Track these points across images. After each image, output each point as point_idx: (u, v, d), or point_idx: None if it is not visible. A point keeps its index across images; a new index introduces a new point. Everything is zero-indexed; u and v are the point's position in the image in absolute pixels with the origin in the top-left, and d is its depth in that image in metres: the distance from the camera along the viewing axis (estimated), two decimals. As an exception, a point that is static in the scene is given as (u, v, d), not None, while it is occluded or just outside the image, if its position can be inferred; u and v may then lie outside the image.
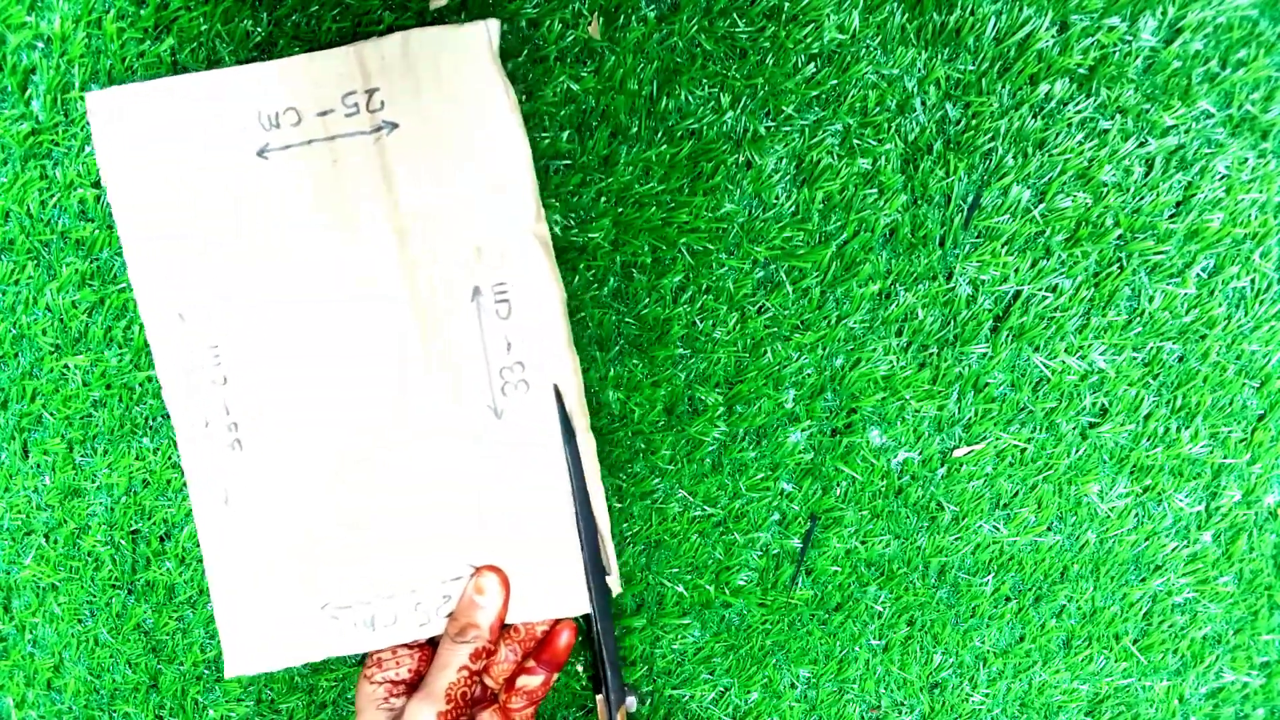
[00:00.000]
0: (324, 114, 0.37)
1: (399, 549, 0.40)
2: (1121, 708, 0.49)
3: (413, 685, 0.41)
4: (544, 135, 0.41)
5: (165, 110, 0.37)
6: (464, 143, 0.38)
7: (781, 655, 0.48)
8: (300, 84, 0.37)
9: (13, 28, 0.39)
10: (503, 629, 0.42)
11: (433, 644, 0.42)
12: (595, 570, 0.41)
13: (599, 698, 0.43)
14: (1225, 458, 0.46)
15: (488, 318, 0.39)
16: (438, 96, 0.37)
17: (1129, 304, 0.43)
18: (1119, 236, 0.43)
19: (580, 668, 0.47)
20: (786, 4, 0.40)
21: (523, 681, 0.41)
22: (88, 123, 0.39)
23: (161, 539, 0.46)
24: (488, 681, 0.42)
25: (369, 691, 0.41)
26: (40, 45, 0.39)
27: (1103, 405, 0.45)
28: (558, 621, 0.42)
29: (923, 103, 0.41)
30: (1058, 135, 0.41)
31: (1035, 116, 0.41)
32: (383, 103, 0.37)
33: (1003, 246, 0.43)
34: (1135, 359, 0.44)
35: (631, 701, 0.43)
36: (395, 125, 0.37)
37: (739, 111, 0.41)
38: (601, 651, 0.42)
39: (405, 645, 0.42)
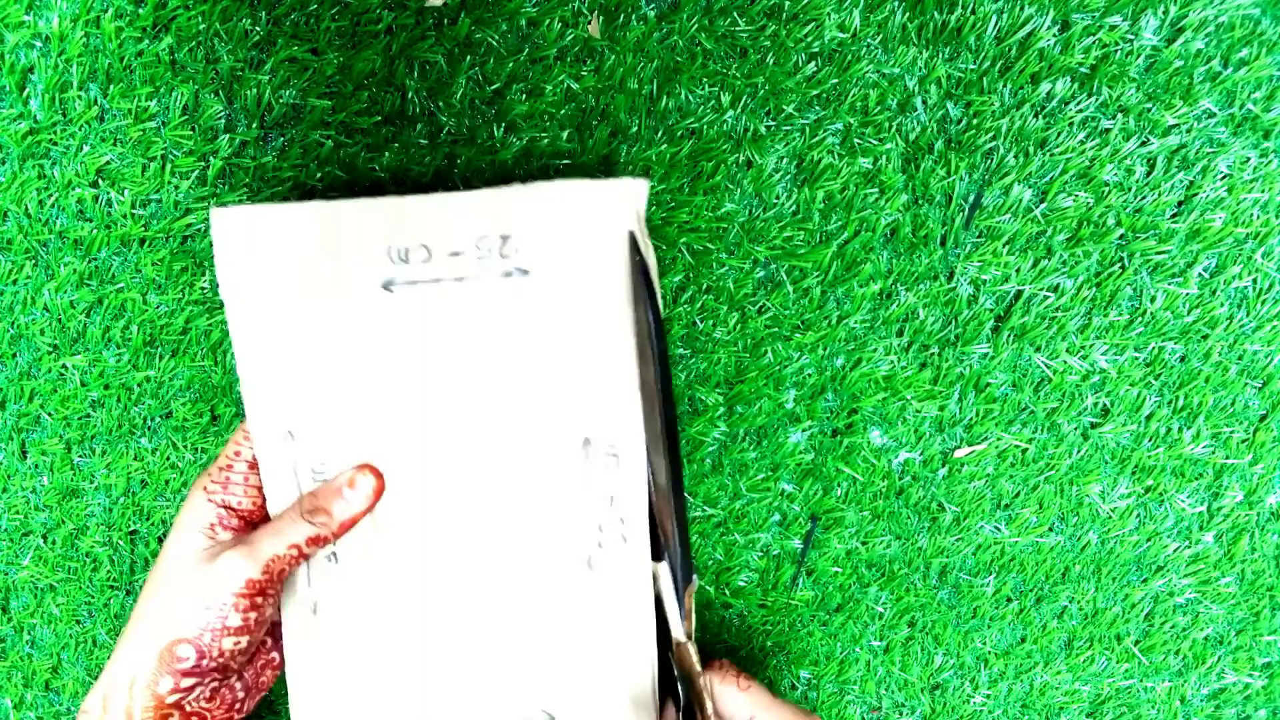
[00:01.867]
0: (455, 255, 0.37)
1: (476, 683, 0.40)
2: (1123, 709, 0.49)
3: (246, 526, 0.38)
4: (544, 135, 0.41)
5: (292, 234, 0.37)
6: (589, 302, 0.38)
7: (782, 656, 0.48)
8: (435, 222, 0.37)
9: (11, 27, 0.39)
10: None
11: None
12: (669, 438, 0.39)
13: (661, 565, 0.40)
14: (1227, 458, 0.45)
15: (594, 470, 0.39)
16: (572, 251, 0.37)
17: (1130, 304, 0.43)
18: (1120, 236, 0.42)
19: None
20: (787, 3, 0.40)
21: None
22: (208, 231, 0.39)
23: (160, 539, 0.46)
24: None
25: (199, 507, 0.38)
26: (38, 44, 0.39)
27: (1104, 405, 0.45)
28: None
29: (924, 102, 0.41)
30: (1059, 134, 0.41)
31: (1037, 116, 0.41)
32: (516, 249, 0.37)
33: (1004, 246, 0.42)
34: (1137, 359, 0.44)
35: (696, 582, 0.41)
36: (526, 272, 0.37)
37: (739, 111, 0.41)
38: (674, 516, 0.39)
39: (255, 472, 0.39)
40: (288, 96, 0.40)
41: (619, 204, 0.37)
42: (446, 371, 0.38)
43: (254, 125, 0.40)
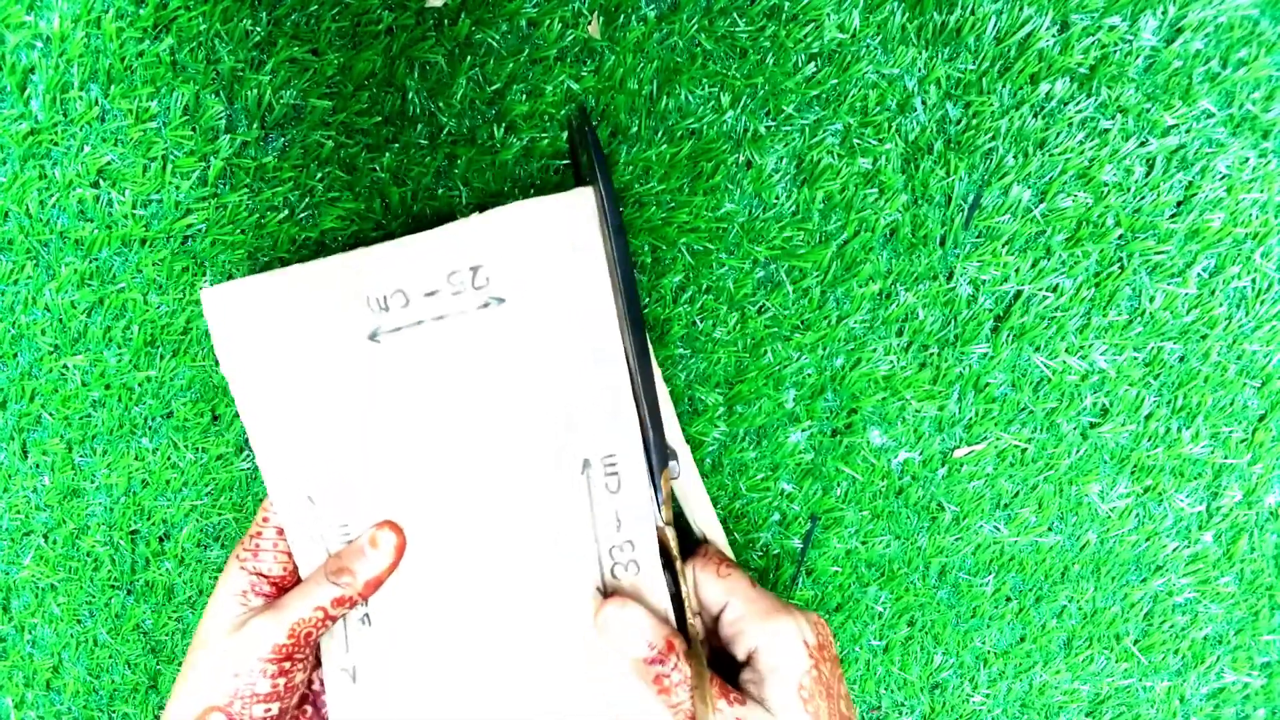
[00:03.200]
0: (431, 294, 0.37)
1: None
2: (1122, 708, 0.49)
3: (279, 592, 0.39)
4: (544, 135, 0.41)
5: (279, 301, 0.37)
6: (566, 312, 0.38)
7: (782, 656, 0.48)
8: (405, 265, 0.37)
9: (12, 27, 0.39)
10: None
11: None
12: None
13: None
14: (1226, 458, 0.45)
15: (598, 492, 0.38)
16: (541, 268, 0.37)
17: (1130, 304, 0.43)
18: (1120, 236, 0.42)
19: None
20: (786, 3, 0.40)
21: None
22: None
23: (161, 539, 0.46)
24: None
25: (233, 576, 0.38)
26: (39, 45, 0.39)
27: (1103, 405, 0.45)
28: None
29: (923, 102, 0.41)
30: (1058, 135, 0.41)
31: (1036, 116, 0.41)
32: (488, 279, 0.37)
33: (1003, 246, 0.43)
34: (1136, 359, 0.44)
35: (674, 467, 0.40)
36: (502, 300, 0.37)
37: (739, 111, 0.41)
38: (644, 396, 0.38)
39: (284, 538, 0.39)
40: (288, 97, 0.40)
41: (576, 211, 0.37)
42: (443, 412, 0.38)
43: (254, 126, 0.40)
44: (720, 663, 0.38)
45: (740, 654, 0.37)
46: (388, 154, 0.41)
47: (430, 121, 0.41)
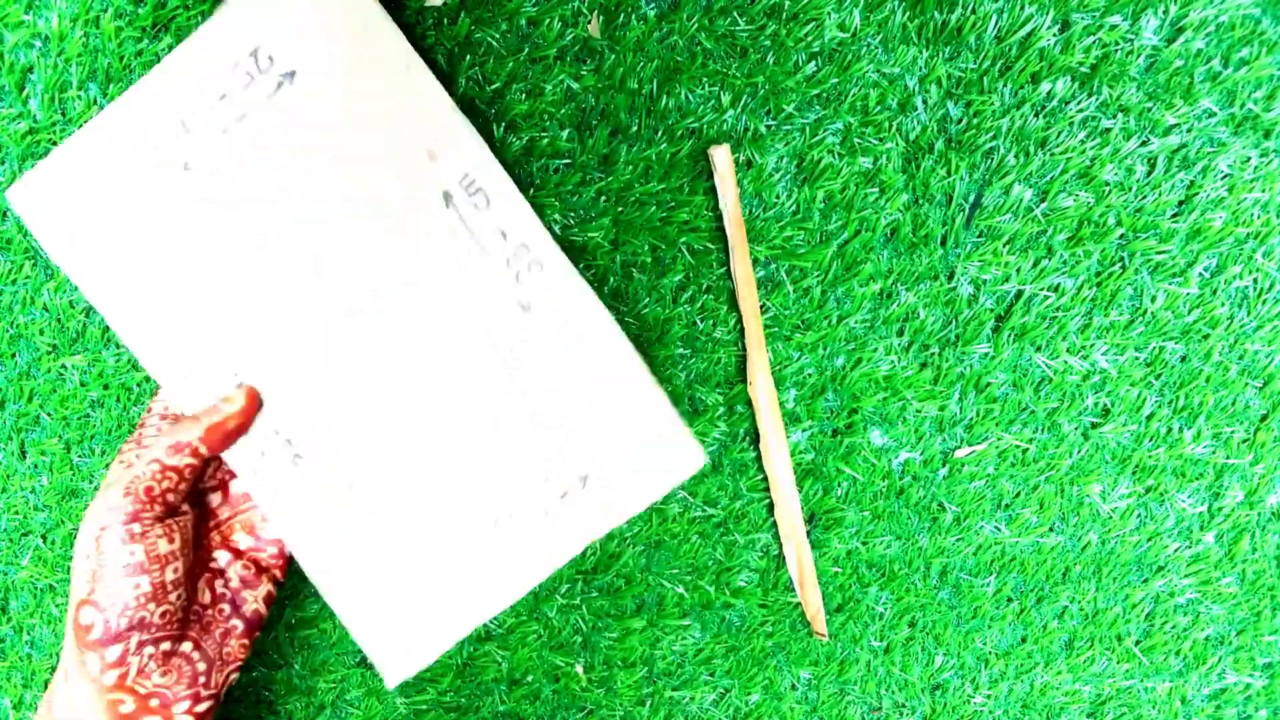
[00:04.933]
0: (223, 97, 0.36)
1: (482, 477, 0.38)
2: (1124, 709, 0.49)
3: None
4: (544, 134, 0.41)
5: (82, 172, 0.36)
6: (357, 57, 0.36)
7: (782, 656, 0.48)
8: (184, 80, 0.36)
9: (11, 27, 0.39)
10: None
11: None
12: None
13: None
14: (1228, 458, 0.45)
15: (469, 214, 0.37)
16: (315, 23, 0.36)
17: (1131, 304, 0.43)
18: (1121, 236, 0.42)
19: (580, 668, 0.47)
20: (787, 2, 0.40)
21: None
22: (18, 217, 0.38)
23: (159, 540, 0.46)
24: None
25: (112, 473, 0.36)
26: (38, 44, 0.39)
27: (1105, 405, 0.45)
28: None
29: (924, 101, 0.41)
30: (1059, 134, 0.41)
31: (1037, 115, 0.41)
32: (270, 57, 0.36)
33: (1004, 246, 0.42)
34: (1137, 359, 0.44)
35: None
36: (292, 73, 0.36)
37: (739, 110, 0.41)
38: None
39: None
40: (287, 96, 0.40)
41: None
42: (290, 211, 0.37)
43: (254, 125, 0.40)
44: None
45: None
46: (387, 153, 0.41)
47: (430, 121, 0.41)
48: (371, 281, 0.37)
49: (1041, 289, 0.43)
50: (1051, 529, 0.46)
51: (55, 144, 0.40)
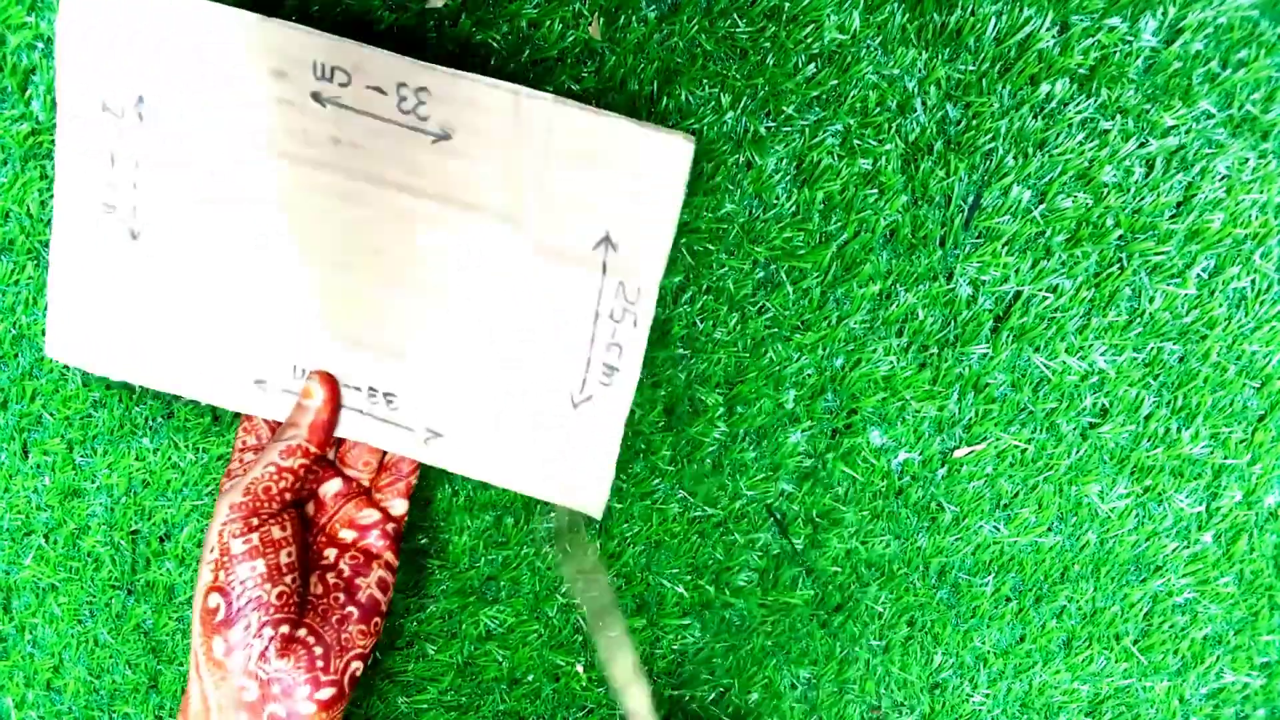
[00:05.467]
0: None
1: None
2: (1122, 708, 0.49)
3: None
4: (544, 135, 0.41)
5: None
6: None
7: (782, 656, 0.48)
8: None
9: (13, 28, 0.39)
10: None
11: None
12: None
13: None
14: (1226, 458, 0.46)
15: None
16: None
17: (1129, 304, 0.43)
18: (1119, 237, 0.43)
19: (580, 667, 0.47)
20: (787, 4, 0.40)
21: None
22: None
23: (161, 539, 0.46)
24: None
25: (234, 459, 0.40)
26: (40, 45, 0.39)
27: (1103, 406, 0.45)
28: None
29: (923, 103, 0.41)
30: (1058, 135, 0.41)
31: (1036, 117, 0.41)
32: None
33: (1003, 247, 0.43)
34: (1136, 359, 0.44)
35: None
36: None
37: (739, 112, 0.41)
38: None
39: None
40: (289, 97, 0.40)
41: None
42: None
43: (255, 126, 0.40)
44: None
45: None
46: (388, 154, 0.41)
47: (431, 122, 0.41)
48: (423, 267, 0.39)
49: (1040, 290, 0.43)
50: (1050, 529, 0.46)
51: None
